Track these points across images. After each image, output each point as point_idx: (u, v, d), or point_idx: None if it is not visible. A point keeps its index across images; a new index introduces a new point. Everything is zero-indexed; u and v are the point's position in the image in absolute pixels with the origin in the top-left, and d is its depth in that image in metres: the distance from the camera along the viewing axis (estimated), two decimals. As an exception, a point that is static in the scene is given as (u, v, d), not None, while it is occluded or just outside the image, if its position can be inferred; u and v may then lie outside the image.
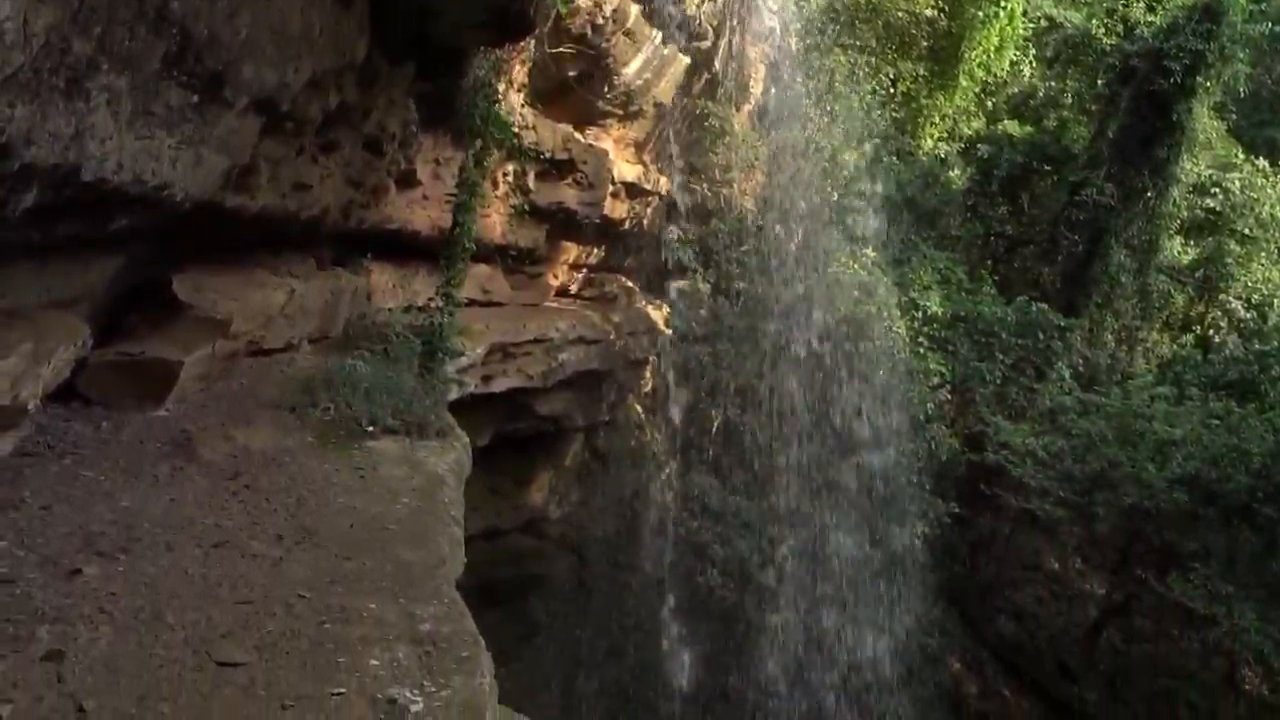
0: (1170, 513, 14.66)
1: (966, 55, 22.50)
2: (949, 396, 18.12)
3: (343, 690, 3.68)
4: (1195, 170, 23.89)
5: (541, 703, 13.08)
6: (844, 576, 15.85)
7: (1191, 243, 25.12)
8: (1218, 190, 23.76)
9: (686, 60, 14.02)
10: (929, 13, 21.53)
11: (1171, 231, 23.77)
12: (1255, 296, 23.72)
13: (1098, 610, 20.07)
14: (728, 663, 15.65)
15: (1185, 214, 24.10)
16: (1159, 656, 18.96)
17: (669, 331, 16.20)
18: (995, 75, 24.52)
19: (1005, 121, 26.22)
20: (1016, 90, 27.15)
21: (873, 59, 20.77)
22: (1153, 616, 18.96)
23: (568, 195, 12.88)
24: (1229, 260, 23.67)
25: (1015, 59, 24.42)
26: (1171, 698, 18.83)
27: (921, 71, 22.50)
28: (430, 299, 9.90)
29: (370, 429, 6.87)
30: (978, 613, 18.90)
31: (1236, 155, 25.11)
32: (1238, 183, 23.69)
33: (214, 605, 4.16)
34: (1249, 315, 23.46)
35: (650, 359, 16.17)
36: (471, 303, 10.92)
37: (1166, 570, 14.89)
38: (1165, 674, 18.82)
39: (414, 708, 3.70)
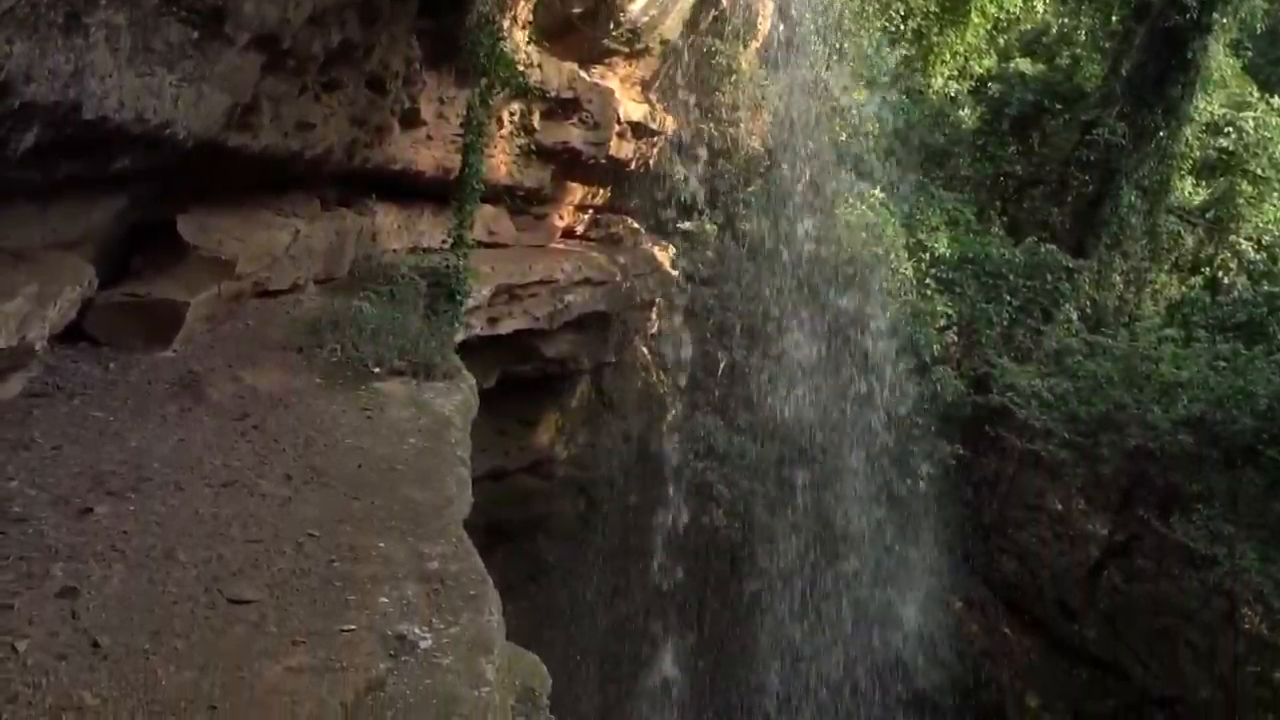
0: (1174, 454, 14.71)
1: (978, -9, 22.13)
2: (955, 338, 18.10)
3: (353, 627, 3.73)
4: (1209, 109, 23.55)
5: (549, 640, 13.26)
6: (850, 520, 15.98)
7: (1203, 183, 24.85)
8: (1231, 129, 23.42)
9: (693, -4, 13.80)
10: (941, -53, 21.14)
11: (1183, 172, 23.52)
12: (1266, 238, 23.53)
13: (1099, 550, 20.25)
14: (733, 602, 15.87)
15: (1197, 154, 23.81)
16: (1159, 596, 19.18)
17: (675, 273, 16.14)
18: (1007, 12, 24.08)
19: (1017, 59, 25.81)
20: (1029, 27, 26.69)
21: (883, -5, 20.42)
22: (1154, 556, 19.13)
23: (573, 135, 12.75)
24: (1240, 201, 23.43)
25: (1028, -6, 24.01)
26: (1171, 636, 19.09)
27: (932, 8, 22.10)
28: (443, 241, 9.87)
29: (377, 370, 6.89)
30: (980, 553, 19.08)
31: (1251, 93, 24.72)
32: (1252, 122, 23.35)
33: (224, 544, 4.20)
34: (1259, 257, 23.30)
35: (657, 300, 16.13)
36: (477, 244, 10.87)
37: (1169, 511, 14.98)
38: (1165, 613, 19.06)
39: (423, 644, 3.75)
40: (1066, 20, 26.12)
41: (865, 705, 15.93)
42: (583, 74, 12.58)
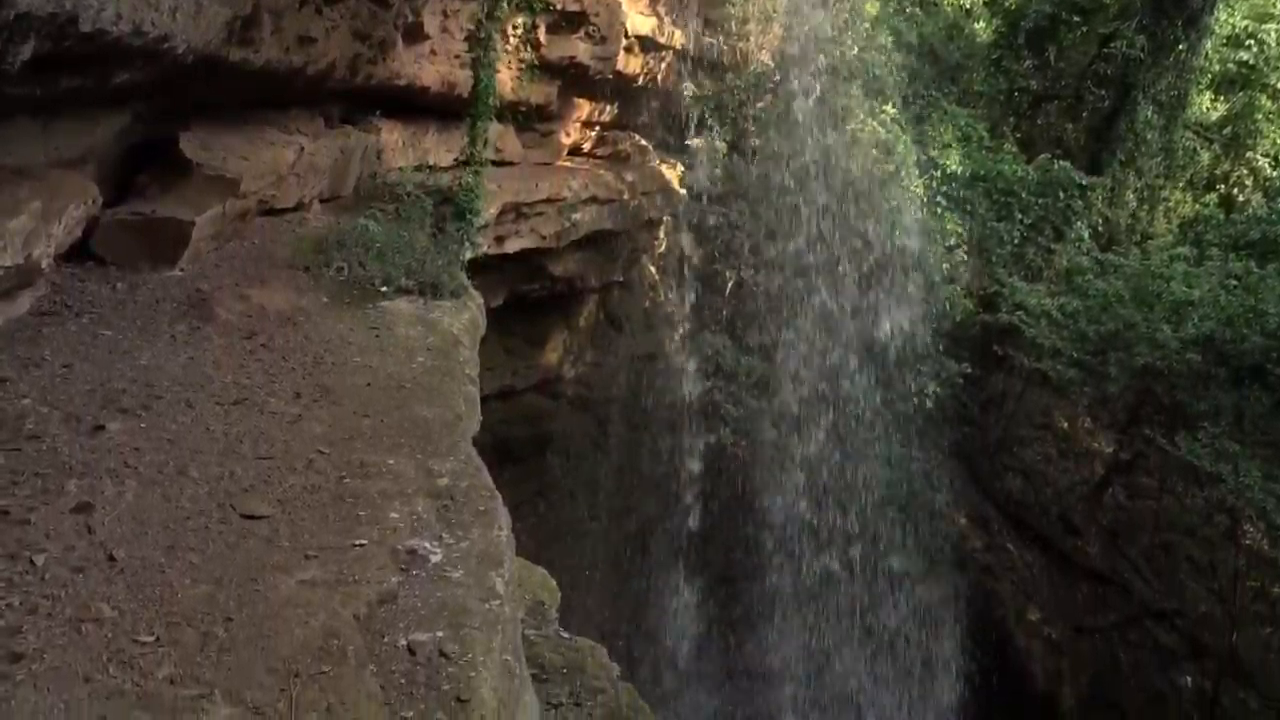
0: (1182, 373, 14.67)
1: (995, -104, 21.42)
2: (965, 257, 17.93)
3: (364, 542, 3.79)
4: (1230, 21, 22.92)
5: (556, 555, 13.48)
6: (857, 439, 16.08)
7: (1221, 98, 24.31)
8: (1252, 42, 22.81)
9: (702, -97, 13.40)
10: None
11: (1201, 86, 22.99)
12: (1284, 154, 23.14)
13: (1104, 468, 20.38)
14: (738, 514, 16.08)
15: (1217, 68, 23.24)
16: (1162, 512, 19.34)
17: (683, 191, 15.99)
18: (1025, -81, 23.32)
19: (1034, -30, 25.06)
20: (1047, -64, 25.86)
21: (896, -99, 19.80)
22: (1158, 474, 19.24)
23: (579, 49, 12.51)
24: (1259, 117, 22.95)
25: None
26: (1172, 552, 19.32)
27: (947, -84, 21.47)
28: (455, 159, 9.76)
29: (384, 289, 6.88)
30: (986, 470, 19.21)
31: (1275, 5, 24.03)
32: (1274, 34, 22.72)
33: (236, 461, 4.25)
34: (1275, 174, 22.91)
35: (664, 219, 16.01)
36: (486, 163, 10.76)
37: (1175, 429, 14.99)
38: (1167, 529, 19.25)
39: (434, 558, 3.81)
40: (1086, -71, 25.31)
41: (871, 619, 16.25)
42: (589, -15, 12.30)
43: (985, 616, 17.04)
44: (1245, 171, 23.73)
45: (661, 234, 16.45)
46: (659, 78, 15.39)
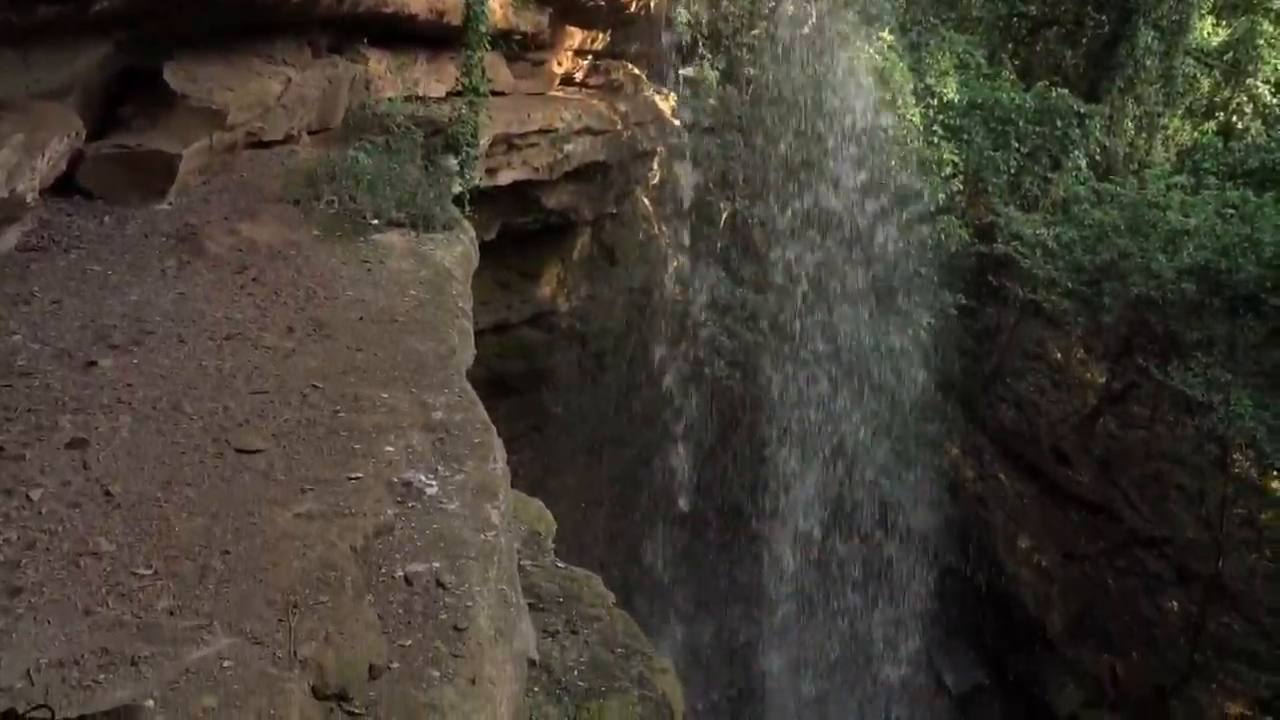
0: (1176, 302, 14.68)
1: None
2: (961, 187, 17.81)
3: (359, 475, 3.80)
4: (1234, -58, 22.55)
5: (551, 489, 13.58)
6: (850, 367, 16.13)
7: (1223, 23, 23.97)
8: (1255, -35, 22.47)
9: None
10: None
11: (1203, 11, 22.63)
12: (1284, 81, 22.88)
13: (1096, 398, 20.52)
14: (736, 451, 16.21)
15: (1220, -9, 22.94)
16: (1153, 441, 19.53)
17: (676, 121, 15.78)
18: None
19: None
20: None
21: None
22: (1150, 404, 19.38)
23: (570, -26, 12.25)
24: (1260, 42, 22.64)
25: None
26: (1162, 480, 19.54)
27: None
28: (448, 90, 9.60)
29: (375, 222, 6.81)
30: (979, 401, 19.32)
31: (1279, -72, 23.58)
32: (1277, -43, 22.37)
33: (230, 395, 4.24)
34: (1275, 100, 22.68)
35: (658, 150, 15.83)
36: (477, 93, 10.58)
37: (1168, 359, 15.06)
38: (1158, 458, 19.45)
39: (429, 490, 3.83)
40: None
41: (863, 544, 16.47)
42: (580, -92, 12.00)
43: (977, 544, 17.28)
44: (1245, 98, 23.49)
45: (655, 165, 16.27)
46: (652, 5, 15.09)
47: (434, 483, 3.89)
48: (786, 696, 16.21)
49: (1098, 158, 19.14)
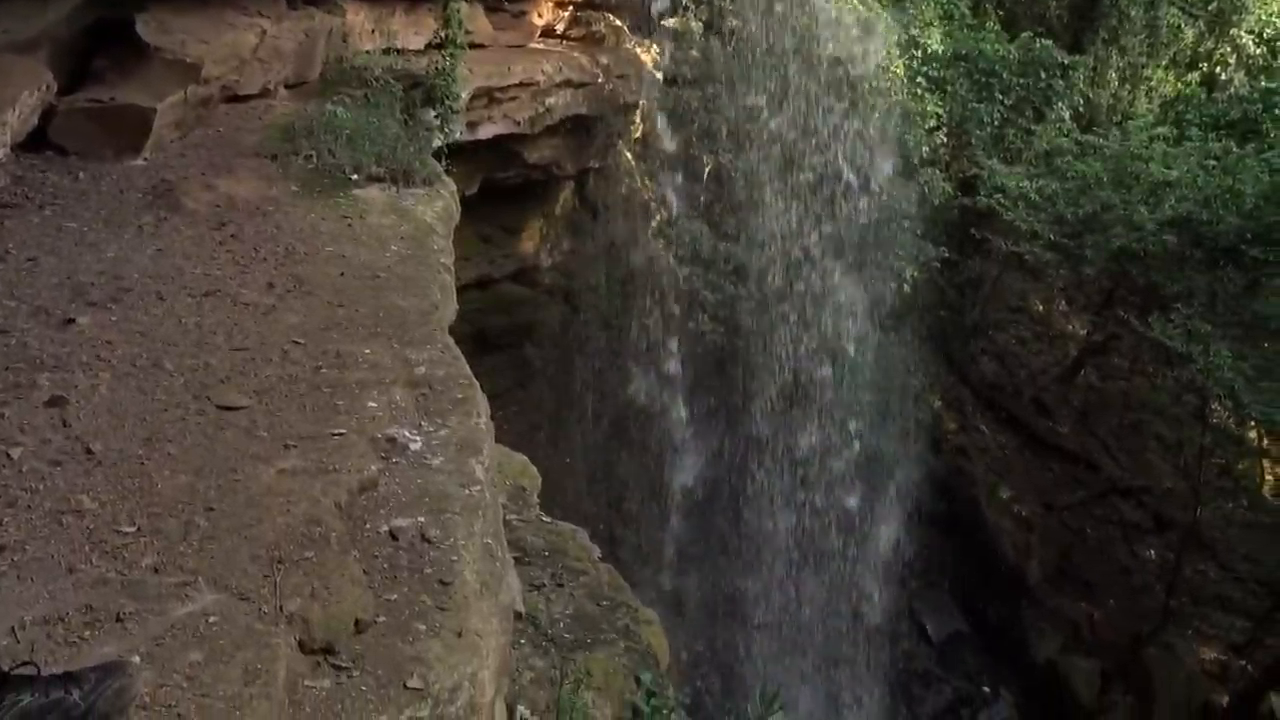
0: (1158, 254, 14.74)
1: None
2: (944, 140, 17.74)
3: (343, 431, 3.80)
4: (1218, -110, 22.32)
5: (536, 444, 13.62)
6: (834, 324, 16.17)
7: (1208, -28, 23.80)
8: (1241, -88, 22.26)
9: None
10: None
11: (1188, -40, 22.50)
12: (1268, 31, 22.73)
13: (1077, 350, 20.66)
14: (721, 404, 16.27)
15: (1204, -61, 22.72)
16: (1132, 393, 19.71)
17: (659, 74, 15.62)
18: None
19: None
20: None
21: None
22: (1130, 355, 19.53)
23: (550, -77, 12.04)
24: (1244, -8, 22.54)
25: None
26: (1141, 431, 19.75)
27: None
28: (427, 42, 9.47)
29: (355, 177, 6.74)
30: (961, 354, 19.42)
31: (1265, -128, 23.35)
32: (1263, -97, 22.18)
33: (210, 352, 4.21)
34: (1259, 51, 22.59)
35: (640, 103, 15.68)
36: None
37: (1148, 311, 15.13)
38: (1137, 409, 19.65)
39: (413, 446, 3.83)
40: None
41: (843, 493, 16.61)
42: None
43: (958, 495, 17.48)
44: (1229, 49, 23.38)
45: (638, 118, 16.12)
46: (633, -46, 14.89)
47: (418, 438, 3.89)
48: (770, 645, 16.43)
49: (1081, 109, 19.07)
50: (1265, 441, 17.75)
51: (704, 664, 15.92)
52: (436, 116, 8.50)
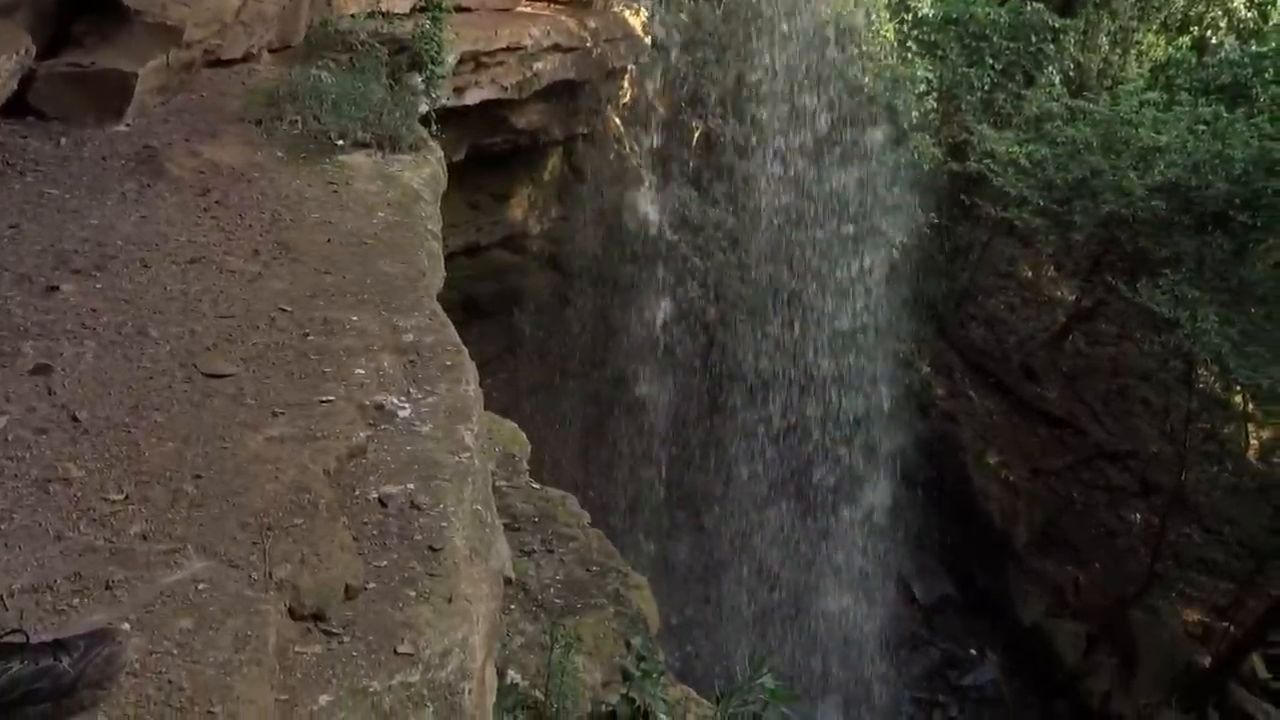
0: (1146, 220, 14.77)
1: None
2: (935, 104, 17.68)
3: (331, 398, 3.78)
4: None
5: (525, 411, 13.63)
6: (823, 293, 16.18)
7: (1199, -66, 23.61)
8: None
9: None
10: None
11: (1180, -78, 22.34)
12: (1259, -6, 22.64)
13: (1066, 316, 20.73)
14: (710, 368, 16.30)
15: (1197, -101, 22.54)
16: (1120, 358, 19.82)
17: (647, 39, 15.49)
18: None
19: None
20: None
21: None
22: (1118, 321, 19.63)
23: (536, -118, 11.88)
24: (1236, -46, 22.39)
25: None
26: (1127, 396, 19.88)
27: None
28: (413, 5, 9.35)
29: (340, 143, 6.67)
30: (950, 320, 19.47)
31: None
32: None
33: (196, 320, 4.18)
34: (1250, 14, 22.49)
35: (628, 67, 15.56)
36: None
37: (1137, 277, 15.18)
38: (1124, 374, 19.77)
39: (402, 413, 3.82)
40: None
41: (831, 467, 16.71)
42: None
43: (945, 460, 17.58)
44: (1219, 13, 23.24)
45: (626, 83, 16.02)
46: (621, -84, 14.71)
47: (406, 405, 3.88)
48: (758, 610, 16.57)
49: (1071, 74, 19.02)
50: (1251, 406, 17.88)
51: (693, 628, 16.05)
52: (422, 81, 8.40)
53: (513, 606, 5.13)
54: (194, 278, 4.55)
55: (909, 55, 16.97)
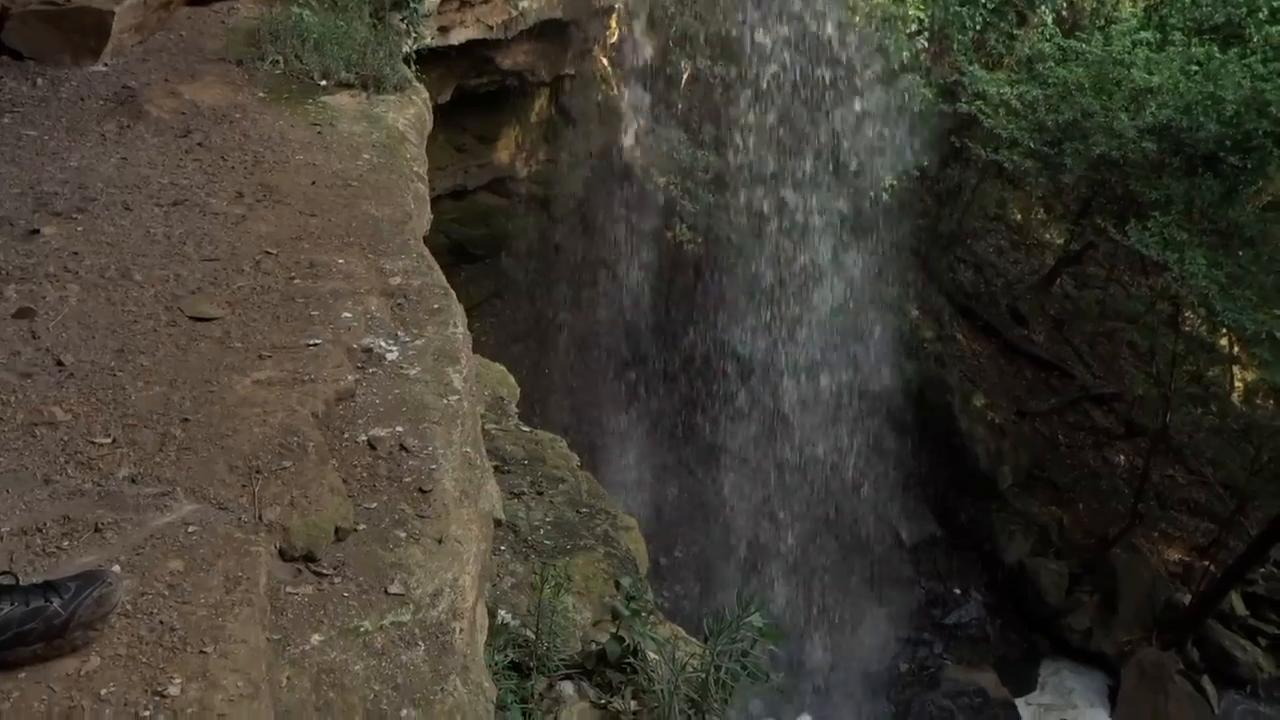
0: (1137, 162, 14.70)
1: None
2: (926, 45, 17.45)
3: (318, 341, 3.76)
4: None
5: (514, 354, 13.63)
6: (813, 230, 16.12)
7: None
8: None
9: None
10: None
11: None
12: (1254, -70, 22.33)
13: (1054, 259, 20.73)
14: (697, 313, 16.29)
15: None
16: (1107, 301, 19.88)
17: (635, -25, 15.24)
18: None
19: None
20: None
21: None
22: (1106, 264, 19.65)
23: None
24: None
25: None
26: (1114, 339, 19.98)
27: None
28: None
29: (324, 83, 6.57)
30: (939, 263, 19.45)
31: None
32: None
33: (180, 263, 4.14)
34: (1245, -48, 22.22)
35: (615, 6, 15.31)
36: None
37: (1126, 220, 15.16)
38: (1111, 317, 19.85)
39: (389, 356, 3.81)
40: None
41: (820, 405, 16.78)
42: None
43: (933, 403, 17.67)
44: (1214, -50, 22.94)
45: (613, 23, 15.77)
46: None
47: (394, 348, 3.87)
48: (748, 550, 16.74)
49: (1064, 13, 18.77)
50: (1236, 349, 17.98)
51: (681, 569, 16.23)
52: (403, 20, 8.24)
53: (503, 548, 5.16)
54: (177, 220, 4.50)
55: (900, -6, 16.73)
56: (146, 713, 2.14)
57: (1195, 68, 14.91)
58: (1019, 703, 15.95)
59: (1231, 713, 15.67)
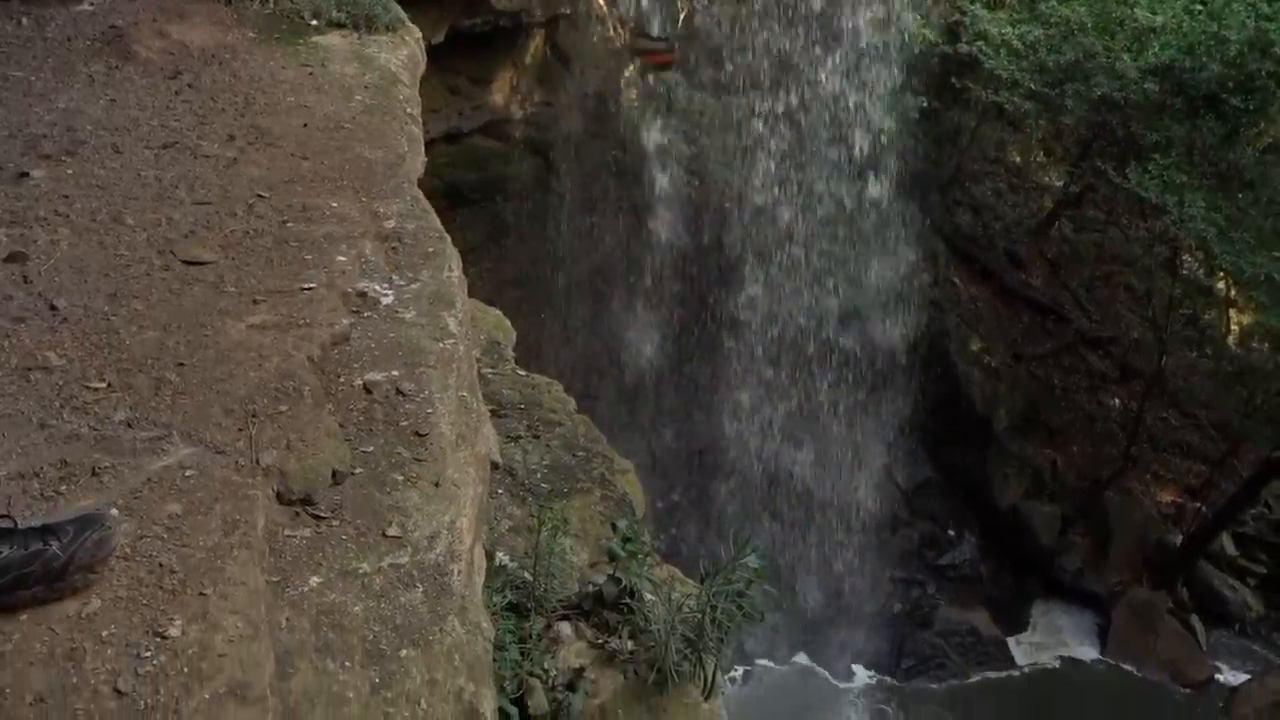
0: (1138, 103, 14.55)
1: None
2: (927, -16, 17.19)
3: (312, 285, 3.74)
4: None
5: (510, 298, 13.58)
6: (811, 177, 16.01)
7: None
8: None
9: None
10: None
11: None
12: None
13: (1053, 201, 20.61)
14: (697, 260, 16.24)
15: None
16: (1105, 244, 19.81)
17: (631, -87, 14.95)
18: None
19: None
20: None
21: None
22: (1105, 207, 19.53)
23: None
24: None
25: None
26: (1111, 282, 19.95)
27: None
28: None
29: (314, 23, 6.46)
30: (936, 205, 19.33)
31: None
32: None
33: (172, 206, 4.10)
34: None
35: (612, -56, 15.07)
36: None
37: (1126, 162, 15.05)
38: (1109, 260, 19.79)
39: (385, 300, 3.79)
40: None
41: (819, 352, 16.82)
42: None
43: (929, 347, 17.69)
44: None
45: (609, -39, 15.51)
46: None
47: (389, 292, 3.85)
48: (745, 493, 16.87)
49: (1068, -51, 18.46)
50: (1233, 292, 17.97)
51: (679, 513, 16.36)
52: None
53: (500, 491, 5.19)
54: (168, 163, 4.45)
55: (901, -69, 16.42)
56: (148, 653, 2.16)
57: (1199, 7, 14.69)
58: (1010, 641, 16.21)
59: (1219, 650, 15.94)
